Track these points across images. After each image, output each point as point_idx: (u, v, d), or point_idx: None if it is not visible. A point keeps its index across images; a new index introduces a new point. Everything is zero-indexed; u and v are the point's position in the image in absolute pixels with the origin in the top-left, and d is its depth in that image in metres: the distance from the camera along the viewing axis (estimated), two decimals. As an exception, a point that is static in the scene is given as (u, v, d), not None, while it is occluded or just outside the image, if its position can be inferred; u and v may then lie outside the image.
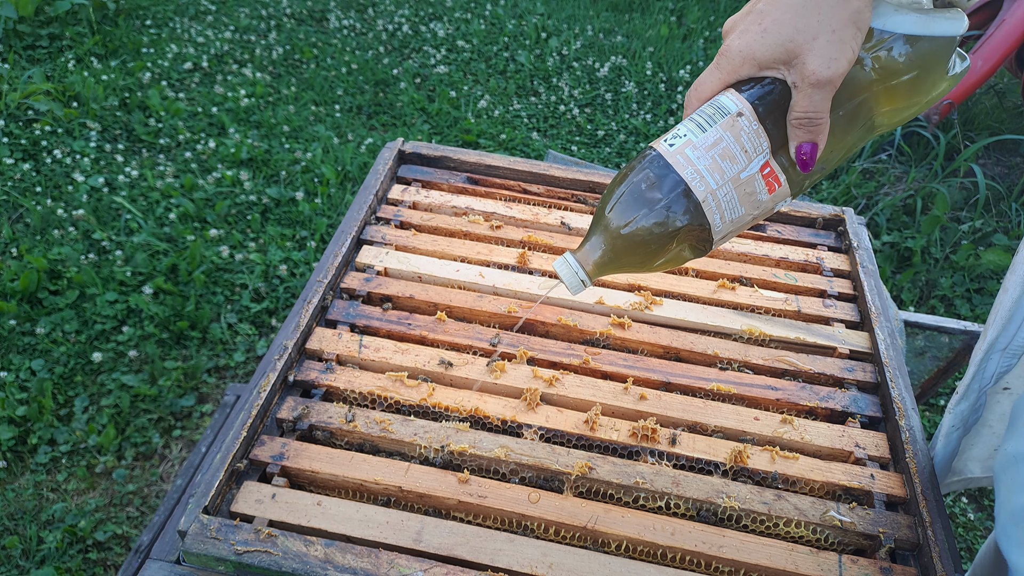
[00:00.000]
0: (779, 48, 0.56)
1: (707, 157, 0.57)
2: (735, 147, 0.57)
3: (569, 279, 0.63)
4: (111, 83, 2.83)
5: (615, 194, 0.60)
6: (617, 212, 0.60)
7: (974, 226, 2.47)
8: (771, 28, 0.56)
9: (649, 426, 0.80)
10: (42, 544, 1.54)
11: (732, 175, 0.58)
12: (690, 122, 0.59)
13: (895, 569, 0.71)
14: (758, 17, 0.57)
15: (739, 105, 0.58)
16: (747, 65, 0.58)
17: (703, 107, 0.60)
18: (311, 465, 0.76)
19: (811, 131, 0.57)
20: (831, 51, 0.54)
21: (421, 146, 1.17)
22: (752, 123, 0.58)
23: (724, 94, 0.59)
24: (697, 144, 0.58)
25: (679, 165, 0.58)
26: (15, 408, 1.74)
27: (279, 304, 2.10)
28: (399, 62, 3.26)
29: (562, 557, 0.70)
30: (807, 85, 0.55)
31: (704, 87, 0.60)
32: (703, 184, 0.57)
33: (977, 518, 1.78)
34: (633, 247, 0.60)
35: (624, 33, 3.64)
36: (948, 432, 0.85)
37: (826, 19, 0.54)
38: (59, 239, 2.19)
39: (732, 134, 0.57)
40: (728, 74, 0.59)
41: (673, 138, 0.59)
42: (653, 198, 0.58)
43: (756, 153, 0.58)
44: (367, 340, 0.89)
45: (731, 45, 0.58)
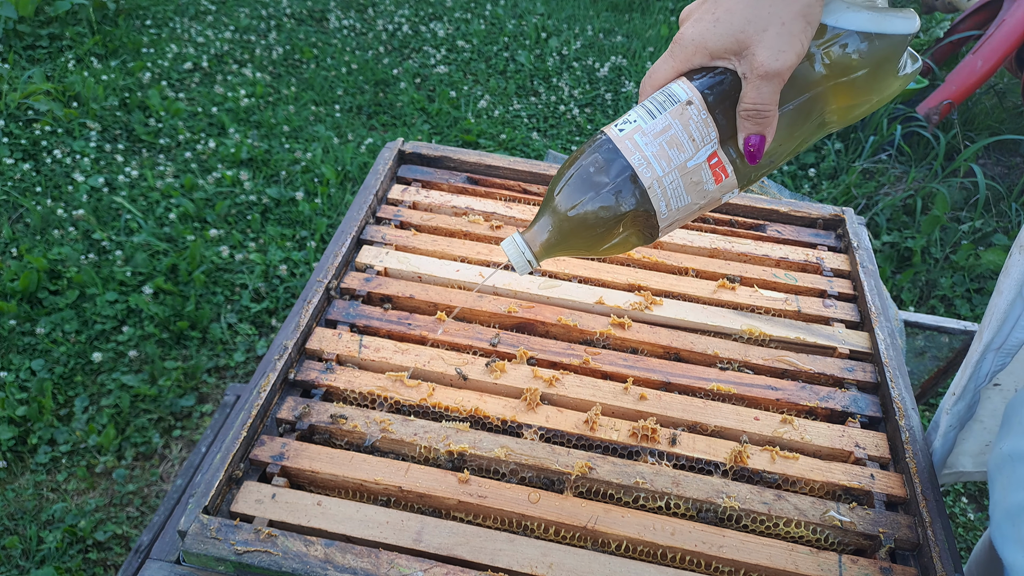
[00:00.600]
0: (730, 38, 0.56)
1: (655, 144, 0.58)
2: (683, 135, 0.58)
3: (516, 259, 0.63)
4: (111, 83, 2.83)
5: (564, 176, 0.61)
6: (565, 194, 0.60)
7: (974, 226, 2.47)
8: (723, 18, 0.56)
9: (649, 426, 0.80)
10: (42, 544, 1.54)
11: (679, 163, 0.58)
12: (641, 108, 0.60)
13: (895, 569, 0.71)
14: (712, 6, 0.57)
15: (689, 93, 0.58)
16: (699, 54, 0.58)
17: (655, 94, 0.60)
18: (311, 465, 0.76)
19: (759, 123, 0.57)
20: (780, 43, 0.54)
21: (421, 146, 1.17)
22: (701, 112, 0.58)
23: (676, 82, 0.59)
24: (646, 130, 0.58)
25: (627, 150, 0.58)
26: (15, 408, 1.74)
27: (279, 304, 2.10)
28: (399, 62, 3.26)
29: (562, 557, 0.70)
30: (756, 76, 0.55)
31: (658, 74, 0.60)
32: (650, 170, 0.58)
33: (977, 518, 1.78)
34: (579, 230, 0.61)
35: (624, 33, 3.64)
36: (945, 432, 0.85)
37: (777, 11, 0.54)
38: (59, 239, 2.19)
39: (680, 122, 0.58)
40: (681, 62, 0.59)
41: (623, 123, 0.60)
42: (600, 182, 0.59)
43: (704, 142, 0.58)
44: (367, 340, 0.89)
45: (684, 33, 0.58)
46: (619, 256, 1.03)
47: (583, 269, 1.01)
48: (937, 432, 0.86)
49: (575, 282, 1.00)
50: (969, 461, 0.91)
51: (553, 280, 0.99)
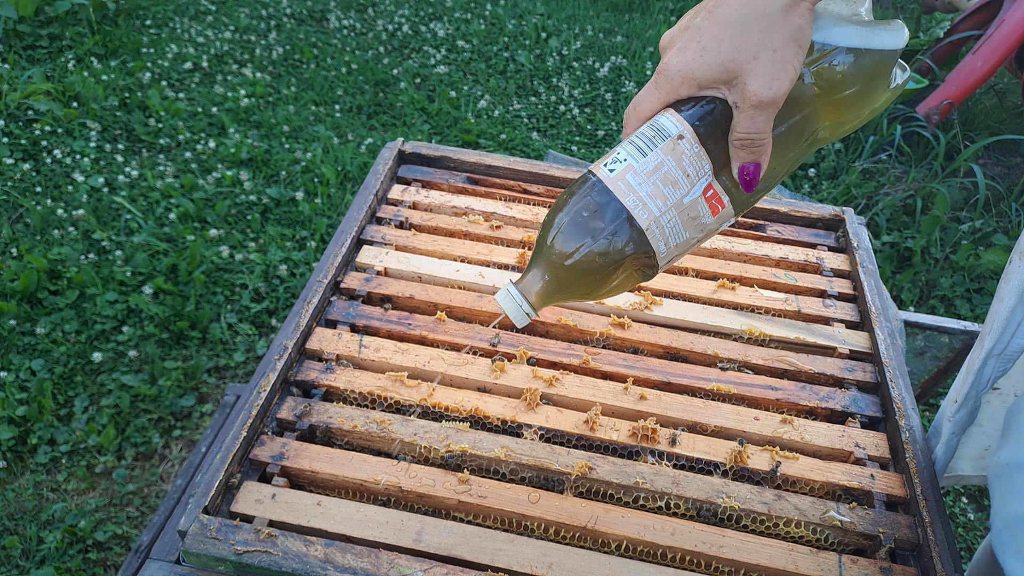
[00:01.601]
0: (719, 68, 0.54)
1: (648, 183, 0.56)
2: (677, 172, 0.56)
3: (513, 312, 0.61)
4: (111, 83, 2.83)
5: (555, 223, 0.58)
6: (559, 242, 0.58)
7: (974, 226, 2.47)
8: (710, 47, 0.54)
9: (649, 426, 0.80)
10: (42, 544, 1.54)
11: (675, 201, 0.56)
12: (630, 145, 0.58)
13: (895, 569, 0.71)
14: (696, 34, 0.55)
15: (679, 127, 0.56)
16: (686, 85, 0.56)
17: (642, 128, 0.58)
18: (311, 465, 0.76)
19: (754, 152, 0.55)
20: (773, 71, 0.52)
21: (421, 146, 1.17)
22: (693, 146, 0.56)
23: (664, 115, 0.57)
24: (638, 169, 0.56)
25: (620, 192, 0.56)
26: (15, 408, 1.74)
27: (279, 304, 2.10)
28: (399, 62, 3.26)
29: (562, 557, 0.70)
30: (749, 106, 0.53)
31: (643, 106, 0.58)
32: (646, 212, 0.56)
33: (977, 518, 1.78)
34: (577, 277, 0.58)
35: (624, 33, 3.64)
36: (948, 439, 0.85)
37: (767, 37, 0.52)
38: (59, 239, 2.19)
39: (674, 158, 0.56)
40: (667, 94, 0.57)
41: (613, 163, 0.57)
42: (595, 227, 0.57)
43: (698, 176, 0.57)
44: (367, 340, 0.89)
45: (669, 64, 0.56)
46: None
47: (583, 269, 1.01)
48: (939, 439, 0.86)
49: (575, 282, 0.99)
50: (968, 465, 0.91)
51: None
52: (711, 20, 0.54)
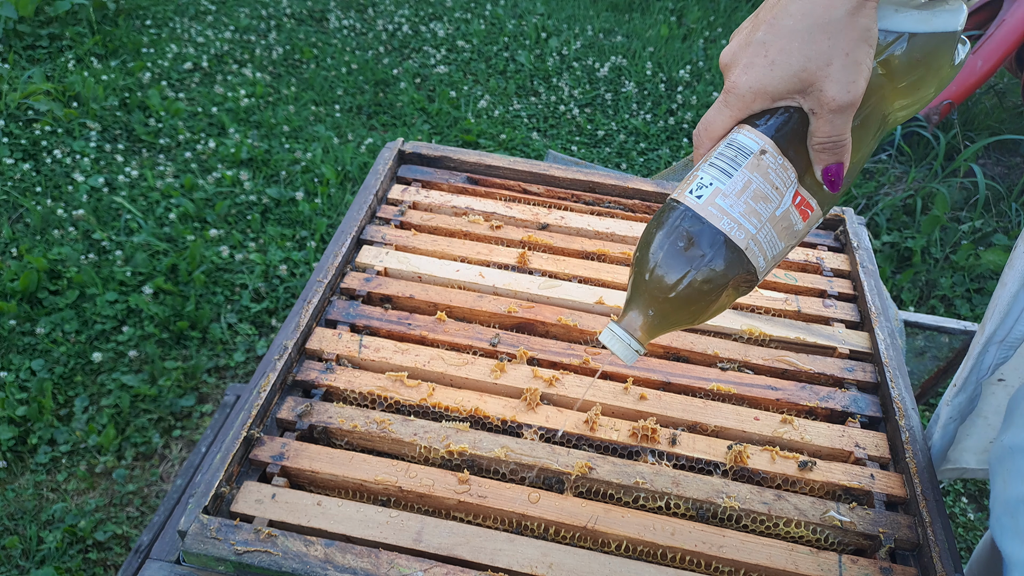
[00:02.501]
0: (792, 79, 0.54)
1: (740, 203, 0.56)
2: (766, 186, 0.56)
3: (622, 351, 0.61)
4: (111, 83, 2.83)
5: (651, 258, 0.58)
6: (660, 276, 0.58)
7: (974, 226, 2.47)
8: (779, 59, 0.54)
9: (649, 426, 0.80)
10: (42, 544, 1.54)
11: (768, 215, 0.57)
12: (711, 168, 0.58)
13: (895, 569, 0.71)
14: (761, 49, 0.55)
15: (760, 142, 0.56)
16: (759, 100, 0.56)
17: (720, 149, 0.58)
18: (311, 465, 0.76)
19: (836, 153, 0.56)
20: (847, 75, 0.53)
21: (421, 146, 1.17)
22: (777, 158, 0.56)
23: (740, 132, 0.58)
24: (727, 191, 0.56)
25: (713, 217, 0.56)
26: (15, 408, 1.74)
27: (279, 304, 2.10)
28: (399, 62, 3.26)
29: (562, 557, 0.70)
30: (827, 111, 0.54)
31: (715, 126, 0.59)
32: (742, 231, 0.56)
33: (977, 518, 1.78)
34: (683, 307, 0.58)
35: (624, 33, 3.64)
36: (945, 424, 0.85)
37: (837, 43, 0.52)
38: (59, 239, 2.19)
39: (760, 174, 0.56)
40: (739, 111, 0.57)
41: (699, 188, 0.57)
42: (694, 256, 0.57)
43: (786, 186, 0.57)
44: (367, 340, 0.89)
45: (738, 82, 0.56)
46: (619, 256, 1.03)
47: (583, 269, 1.01)
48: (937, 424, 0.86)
49: (575, 282, 0.99)
50: (972, 458, 0.90)
51: (553, 280, 0.99)
52: (775, 33, 0.54)
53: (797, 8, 0.53)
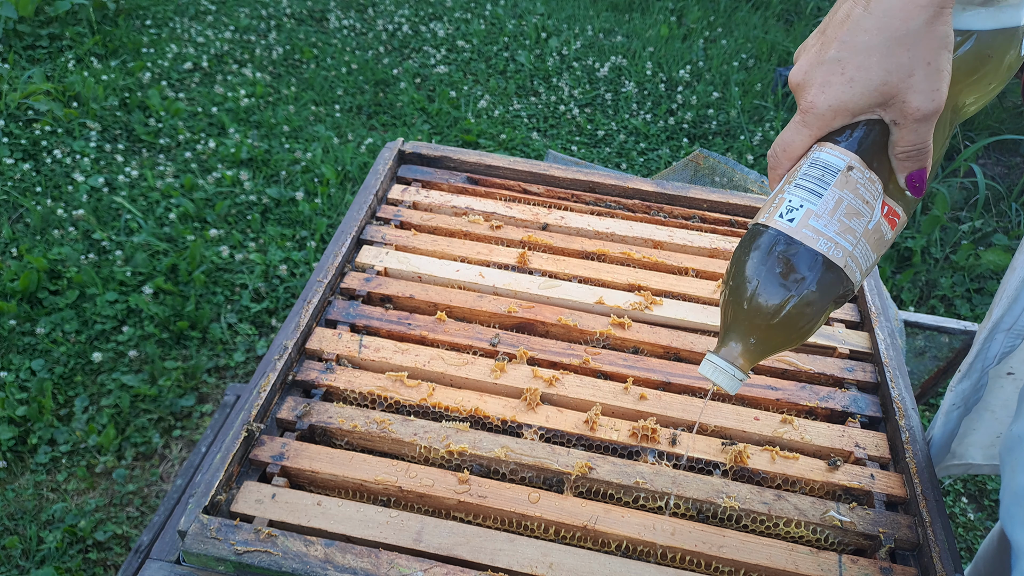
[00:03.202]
0: (873, 94, 0.54)
1: (834, 222, 0.56)
2: (857, 202, 0.57)
3: (726, 382, 0.61)
4: (111, 83, 2.83)
5: (747, 286, 0.58)
6: (760, 305, 0.58)
7: (974, 226, 2.47)
8: (858, 76, 0.54)
9: (649, 426, 0.80)
10: (42, 544, 1.54)
11: (862, 230, 0.57)
12: (797, 189, 0.58)
13: (895, 569, 0.71)
14: (837, 67, 0.55)
15: (846, 158, 0.57)
16: (839, 117, 0.56)
17: (803, 169, 0.58)
18: (311, 465, 0.76)
19: (920, 160, 0.56)
20: (930, 84, 0.53)
21: (421, 146, 1.17)
22: (864, 172, 0.57)
23: (822, 150, 0.58)
24: (819, 211, 0.56)
25: (809, 239, 0.56)
26: (15, 408, 1.74)
27: (279, 304, 2.10)
28: (399, 62, 3.26)
29: (562, 557, 0.70)
30: (911, 121, 0.54)
31: (794, 146, 0.59)
32: (839, 250, 0.56)
33: (977, 518, 1.78)
34: (786, 331, 0.58)
35: (624, 33, 3.64)
36: (948, 410, 0.84)
37: (917, 54, 0.52)
38: (59, 239, 2.19)
39: (850, 190, 0.56)
40: (818, 130, 0.58)
41: (788, 211, 0.58)
42: (794, 280, 0.56)
43: (875, 199, 0.57)
44: (367, 340, 0.89)
45: (816, 101, 0.56)
46: (619, 256, 1.03)
47: (583, 269, 1.01)
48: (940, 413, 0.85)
49: (575, 282, 0.99)
50: (979, 453, 0.90)
51: (553, 280, 0.99)
52: (850, 50, 0.54)
53: (872, 23, 0.53)
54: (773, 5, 3.94)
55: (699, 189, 1.14)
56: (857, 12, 0.53)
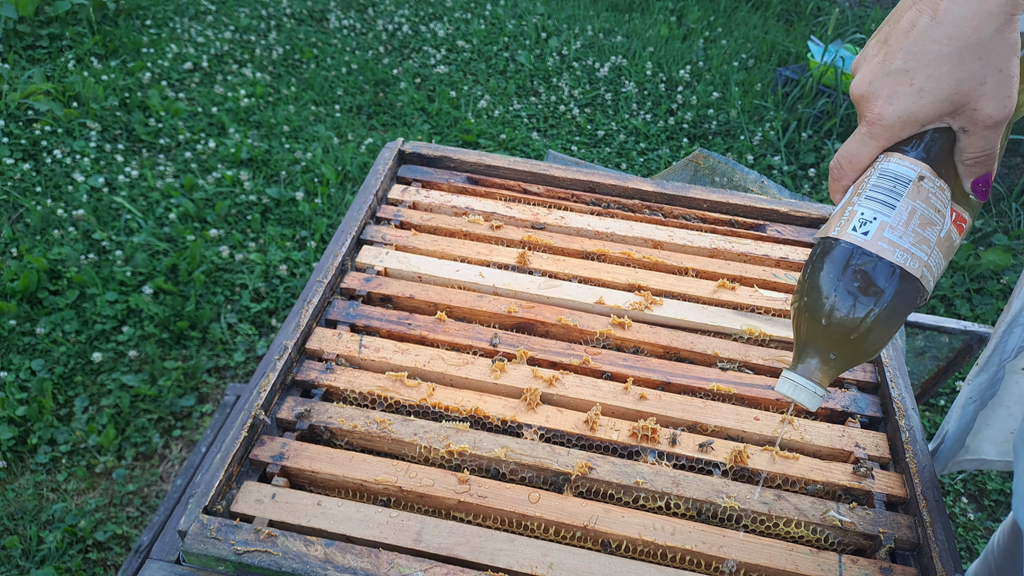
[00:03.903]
0: (944, 103, 0.54)
1: (909, 233, 0.56)
2: (929, 212, 0.57)
3: (807, 399, 0.60)
4: (111, 83, 2.83)
5: (824, 304, 0.58)
6: (839, 320, 0.58)
7: (974, 226, 2.47)
8: (928, 86, 0.54)
9: (649, 426, 0.80)
10: (42, 544, 1.54)
11: (935, 239, 0.57)
12: (868, 201, 0.58)
13: (895, 569, 0.71)
14: (905, 78, 0.55)
15: (916, 168, 0.57)
16: (908, 128, 0.56)
17: (872, 181, 0.58)
18: (311, 465, 0.76)
19: (987, 165, 0.56)
20: (1002, 90, 0.53)
21: (421, 146, 1.17)
22: (935, 181, 0.57)
23: (890, 161, 0.58)
24: (893, 223, 0.57)
25: (885, 251, 0.56)
26: (15, 408, 1.74)
27: (279, 304, 2.10)
28: (399, 62, 3.26)
29: (562, 557, 0.70)
30: (982, 128, 0.54)
31: (860, 158, 0.59)
32: (916, 261, 0.56)
33: (977, 518, 1.78)
34: (866, 344, 0.59)
35: (624, 33, 3.64)
36: (965, 404, 0.84)
37: (989, 61, 0.53)
38: (59, 239, 2.19)
39: (922, 200, 0.57)
40: (886, 141, 0.58)
41: (862, 224, 0.58)
42: (873, 293, 0.57)
43: (945, 207, 0.57)
44: (367, 340, 0.89)
45: (883, 113, 0.56)
46: (619, 256, 1.03)
47: (583, 269, 1.01)
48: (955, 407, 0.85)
49: (575, 282, 0.99)
50: (992, 449, 0.89)
51: (553, 280, 0.99)
52: (918, 60, 0.54)
53: (941, 32, 0.53)
54: (773, 5, 3.94)
55: (699, 189, 1.14)
56: (924, 22, 0.53)
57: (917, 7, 0.54)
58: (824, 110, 2.98)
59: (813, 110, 2.97)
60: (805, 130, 2.97)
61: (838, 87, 2.92)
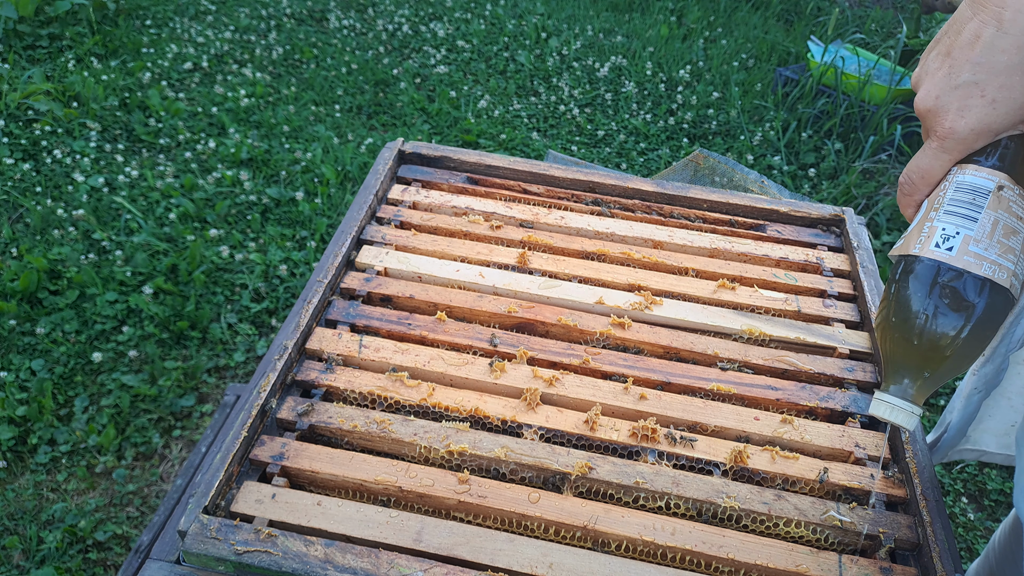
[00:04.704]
0: (1018, 112, 0.54)
1: (994, 244, 0.56)
2: (1012, 220, 0.57)
3: (906, 420, 0.60)
4: (111, 83, 2.83)
5: (915, 323, 0.58)
6: (932, 338, 0.57)
7: None
8: (1001, 97, 0.54)
9: (649, 426, 0.80)
10: (42, 544, 1.54)
11: (1020, 246, 0.57)
12: (948, 216, 0.58)
13: (895, 569, 0.71)
14: (976, 90, 0.55)
15: (995, 178, 0.57)
16: (982, 139, 0.56)
17: (949, 195, 0.58)
18: (311, 465, 0.76)
19: None
20: None
21: (421, 146, 1.17)
22: (1013, 188, 0.57)
23: (965, 173, 0.58)
24: (977, 236, 0.56)
25: (973, 265, 0.56)
26: (15, 408, 1.74)
27: (279, 304, 2.10)
28: (399, 62, 3.26)
29: (562, 557, 0.70)
30: None
31: (933, 172, 0.58)
32: (1003, 271, 0.56)
33: (977, 518, 1.78)
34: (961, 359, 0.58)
35: (624, 33, 3.64)
36: (969, 394, 0.84)
37: None
38: (59, 239, 2.19)
39: (1003, 209, 0.57)
40: (959, 154, 0.58)
41: (944, 240, 0.57)
42: (964, 309, 0.56)
43: None
44: (367, 340, 0.89)
45: (956, 127, 0.56)
46: (619, 256, 1.03)
47: (583, 269, 1.01)
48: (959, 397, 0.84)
49: (575, 282, 0.99)
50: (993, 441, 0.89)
51: (553, 280, 0.99)
52: (988, 71, 0.54)
53: (1009, 42, 0.53)
54: (773, 5, 3.94)
55: (699, 189, 1.14)
56: (989, 32, 0.53)
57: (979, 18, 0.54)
58: (824, 110, 2.98)
59: (813, 110, 2.97)
60: (805, 130, 2.96)
61: (838, 87, 2.92)
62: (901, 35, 3.07)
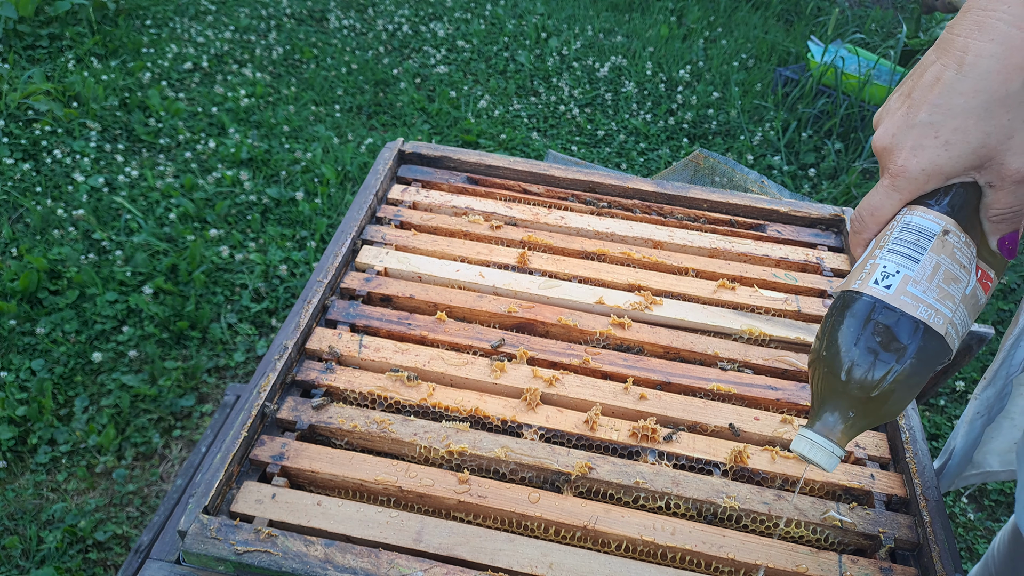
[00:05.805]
0: (970, 157, 0.53)
1: (932, 288, 0.55)
2: (954, 267, 0.55)
3: (825, 459, 0.58)
4: (111, 83, 2.83)
5: (845, 358, 0.56)
6: (860, 377, 0.55)
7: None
8: (954, 139, 0.53)
9: (649, 426, 0.80)
10: (42, 544, 1.54)
11: (960, 295, 0.55)
12: (891, 254, 0.56)
13: (895, 569, 0.71)
14: (930, 130, 0.54)
15: (941, 222, 0.55)
16: (932, 181, 0.55)
17: (895, 234, 0.57)
18: (311, 465, 0.76)
19: (1015, 221, 0.55)
20: None
21: (421, 146, 1.17)
22: (960, 236, 0.55)
23: (914, 214, 0.57)
24: (916, 277, 0.55)
25: (908, 306, 0.54)
26: (15, 408, 1.74)
27: (279, 304, 2.10)
28: (399, 62, 3.26)
29: (562, 557, 0.70)
30: (1010, 183, 0.53)
31: (883, 211, 0.58)
32: (940, 317, 0.54)
33: (977, 518, 1.78)
34: (887, 403, 0.56)
35: (624, 33, 3.64)
36: (972, 419, 0.83)
37: (1018, 114, 0.52)
38: (59, 239, 2.19)
39: (947, 255, 0.55)
40: (910, 194, 0.57)
41: (883, 278, 0.56)
42: (896, 349, 0.54)
43: (970, 263, 0.56)
44: (367, 340, 0.89)
45: (908, 166, 0.55)
46: (619, 256, 1.03)
47: (583, 269, 1.01)
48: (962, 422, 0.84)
49: (575, 282, 0.99)
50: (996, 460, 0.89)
51: (553, 280, 0.99)
52: (944, 113, 0.53)
53: (968, 86, 0.52)
54: (773, 5, 3.94)
55: (699, 189, 1.14)
56: (949, 75, 0.53)
57: (942, 61, 0.53)
58: (824, 110, 2.98)
59: (813, 110, 2.97)
60: (805, 130, 2.97)
61: (838, 87, 2.92)
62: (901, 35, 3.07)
